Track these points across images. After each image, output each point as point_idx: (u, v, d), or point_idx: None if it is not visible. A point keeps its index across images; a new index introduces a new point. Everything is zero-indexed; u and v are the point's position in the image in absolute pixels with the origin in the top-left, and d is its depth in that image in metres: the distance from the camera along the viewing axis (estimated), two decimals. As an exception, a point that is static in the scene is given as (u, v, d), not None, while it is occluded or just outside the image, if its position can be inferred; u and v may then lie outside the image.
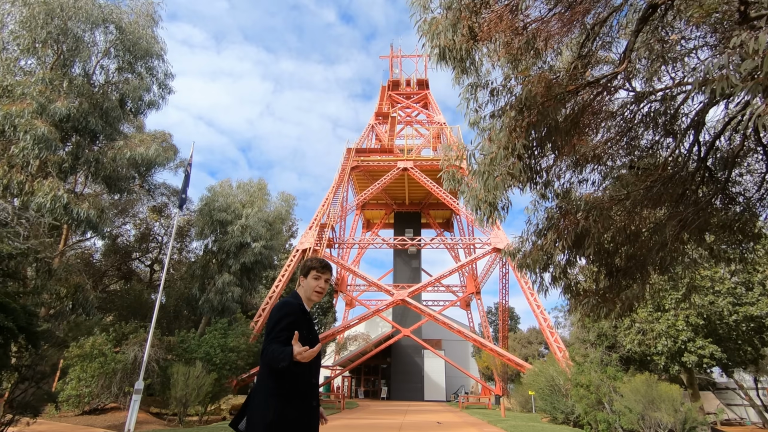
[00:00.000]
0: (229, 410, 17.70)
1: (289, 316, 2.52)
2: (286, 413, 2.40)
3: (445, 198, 34.83)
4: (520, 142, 4.51)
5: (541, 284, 6.79)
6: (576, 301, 6.65)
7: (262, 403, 2.41)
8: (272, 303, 25.48)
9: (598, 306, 6.24)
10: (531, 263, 6.44)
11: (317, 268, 2.81)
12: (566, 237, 5.53)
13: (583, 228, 5.46)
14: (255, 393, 2.51)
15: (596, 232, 5.39)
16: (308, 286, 2.77)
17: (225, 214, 19.38)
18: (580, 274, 7.05)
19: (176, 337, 15.12)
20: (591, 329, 13.04)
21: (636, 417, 10.89)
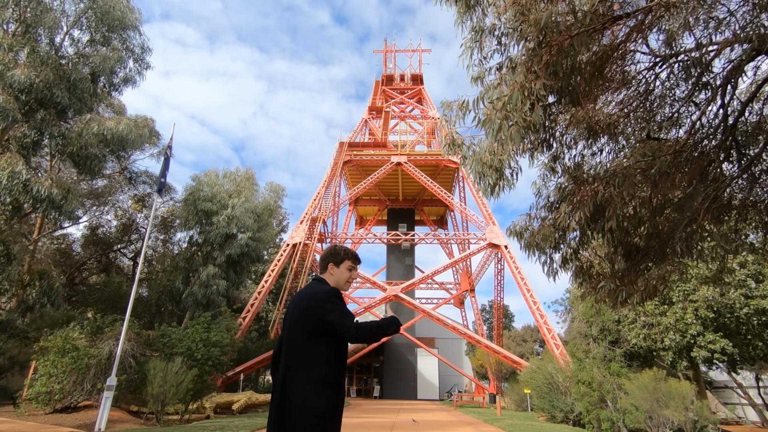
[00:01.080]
0: (214, 408, 16.86)
1: (342, 301, 2.57)
2: (335, 402, 2.40)
3: (440, 193, 34.15)
4: (539, 83, 3.78)
5: (551, 266, 6.09)
6: (589, 286, 5.95)
7: (305, 391, 2.35)
8: (261, 297, 24.64)
9: (616, 290, 5.54)
10: (541, 242, 5.73)
11: (352, 259, 2.81)
12: (584, 208, 4.83)
13: (603, 198, 4.75)
14: (291, 381, 2.40)
15: (619, 201, 4.69)
16: (341, 275, 2.77)
17: (210, 204, 18.52)
18: (593, 255, 6.36)
19: (156, 331, 14.27)
20: (593, 323, 12.40)
21: (643, 415, 10.26)
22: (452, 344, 42.99)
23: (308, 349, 2.43)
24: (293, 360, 2.45)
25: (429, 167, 38.19)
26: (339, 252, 2.82)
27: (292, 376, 2.41)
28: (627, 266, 5.92)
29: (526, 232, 6.13)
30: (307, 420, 2.32)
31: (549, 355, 20.76)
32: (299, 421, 2.33)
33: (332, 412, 2.38)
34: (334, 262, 2.78)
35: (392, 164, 36.05)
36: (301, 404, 2.35)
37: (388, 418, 17.22)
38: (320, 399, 2.36)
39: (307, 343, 2.44)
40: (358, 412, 20.08)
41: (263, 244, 21.19)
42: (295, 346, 2.47)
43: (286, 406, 2.38)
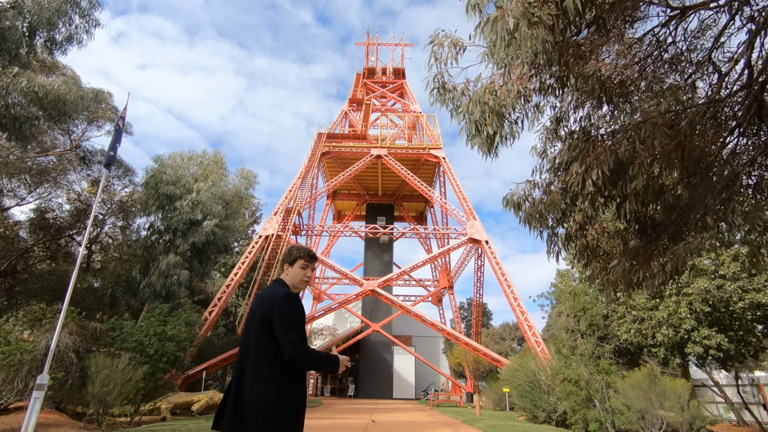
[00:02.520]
0: (171, 409, 15.48)
1: (302, 309, 2.60)
2: (294, 401, 2.43)
3: (420, 187, 33.25)
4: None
5: (554, 243, 5.15)
6: (599, 266, 5.04)
7: (259, 391, 2.38)
8: (230, 291, 23.22)
9: (631, 270, 4.64)
10: (544, 212, 4.77)
11: (306, 257, 2.84)
12: (602, 165, 3.89)
13: (626, 153, 3.82)
14: (244, 382, 2.44)
15: (647, 156, 3.76)
16: (295, 275, 2.81)
17: (173, 187, 17.06)
18: (601, 233, 5.45)
19: (105, 324, 12.84)
20: (581, 318, 11.66)
21: (635, 415, 9.52)
22: (429, 342, 42.27)
23: (260, 350, 2.47)
24: (247, 360, 2.49)
25: (410, 161, 37.27)
26: (292, 251, 2.87)
27: (246, 377, 2.45)
28: (641, 244, 5.03)
29: (525, 202, 5.17)
30: (258, 420, 2.32)
31: (528, 352, 20.08)
32: (251, 422, 2.33)
33: (285, 413, 2.38)
34: (288, 262, 2.82)
35: (372, 157, 34.97)
36: (251, 404, 2.36)
37: (362, 419, 16.18)
38: (270, 399, 2.36)
39: (260, 344, 2.48)
40: (330, 413, 18.96)
41: (232, 233, 19.77)
42: (249, 347, 2.51)
43: (238, 407, 2.40)
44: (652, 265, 4.75)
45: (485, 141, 4.13)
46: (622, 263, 4.63)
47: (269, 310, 2.50)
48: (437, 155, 35.36)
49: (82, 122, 15.21)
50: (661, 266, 4.72)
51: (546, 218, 4.88)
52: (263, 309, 2.53)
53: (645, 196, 3.99)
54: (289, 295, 2.57)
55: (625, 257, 4.65)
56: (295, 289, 2.77)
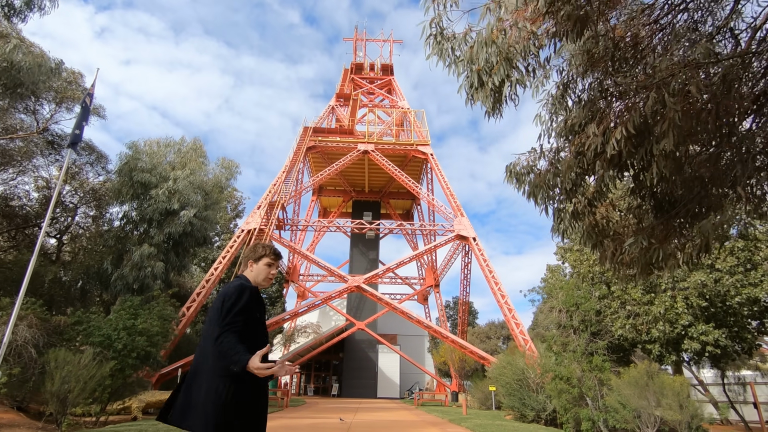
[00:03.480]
0: (144, 409, 14.64)
1: (247, 302, 2.49)
2: (240, 394, 2.35)
3: (407, 183, 32.74)
4: None
5: (561, 218, 4.61)
6: (610, 247, 4.52)
7: (212, 385, 2.32)
8: (210, 287, 22.37)
9: (648, 250, 4.13)
10: (551, 182, 4.23)
11: (270, 256, 2.79)
12: (626, 124, 3.36)
13: (655, 105, 3.29)
14: (197, 375, 2.41)
15: (679, 110, 3.24)
16: (259, 272, 2.75)
17: (148, 175, 16.16)
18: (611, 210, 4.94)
19: (70, 317, 11.97)
20: (574, 314, 11.24)
21: (631, 414, 9.10)
22: (414, 341, 41.84)
23: (208, 344, 2.43)
24: (202, 354, 2.48)
25: (397, 157, 36.73)
26: (257, 249, 2.83)
27: (200, 370, 2.42)
28: (658, 222, 4.53)
29: (529, 175, 4.63)
30: (213, 413, 2.27)
31: (516, 350, 19.70)
32: (204, 416, 2.28)
33: (241, 406, 2.33)
34: (252, 259, 2.78)
35: (359, 152, 34.33)
36: (205, 398, 2.31)
37: (345, 418, 15.55)
38: (227, 392, 2.31)
39: (213, 338, 2.41)
40: (312, 412, 18.29)
41: (211, 225, 18.91)
42: (205, 341, 2.50)
43: (190, 400, 2.37)
44: (670, 244, 4.25)
45: (490, 94, 3.57)
46: (638, 242, 4.11)
47: (221, 301, 2.48)
48: (425, 152, 34.90)
49: (49, 102, 14.26)
50: (681, 246, 4.22)
51: (553, 190, 4.34)
52: (217, 302, 2.52)
53: (673, 159, 3.48)
54: (237, 286, 2.54)
55: (642, 235, 4.13)
56: (257, 286, 2.72)
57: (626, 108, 3.59)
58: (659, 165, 3.33)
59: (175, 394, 2.50)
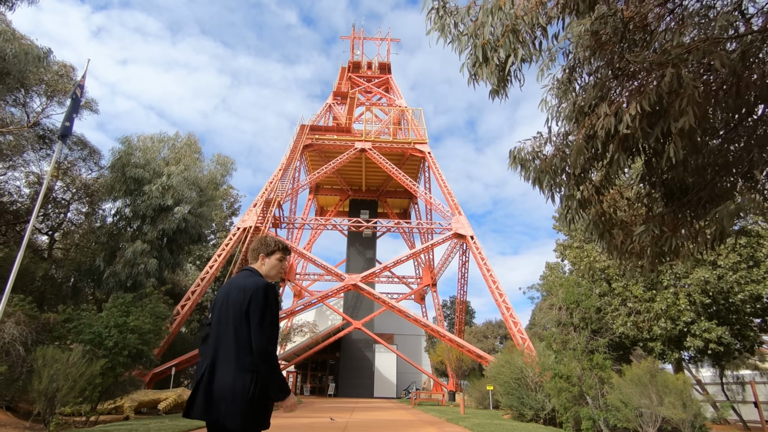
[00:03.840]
0: (136, 408, 14.36)
1: (278, 303, 2.56)
2: (263, 387, 2.40)
3: (405, 181, 32.52)
4: None
5: (569, 206, 4.41)
6: (619, 236, 4.32)
7: (239, 379, 2.36)
8: (205, 285, 22.07)
9: (660, 238, 3.93)
10: (559, 167, 4.03)
11: (283, 250, 2.86)
12: (643, 98, 3.15)
13: (673, 78, 3.09)
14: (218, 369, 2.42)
15: (698, 87, 3.04)
16: (272, 266, 2.80)
17: (142, 171, 15.87)
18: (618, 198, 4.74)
19: (60, 314, 11.68)
20: (575, 311, 11.05)
21: (633, 413, 8.92)
22: (411, 341, 41.64)
23: (240, 340, 2.44)
24: (224, 349, 2.46)
25: (394, 156, 36.50)
26: (270, 243, 2.85)
27: (222, 364, 2.43)
28: (669, 210, 4.33)
29: (534, 160, 4.43)
30: (240, 406, 2.32)
31: (515, 349, 19.53)
32: (232, 407, 2.33)
33: (261, 400, 2.39)
34: (264, 253, 2.81)
35: (356, 150, 34.09)
36: (230, 392, 2.34)
37: (341, 417, 15.33)
38: (254, 387, 2.37)
39: (239, 333, 2.45)
40: (309, 411, 18.05)
41: (206, 222, 18.62)
42: (225, 336, 2.48)
43: (212, 395, 2.39)
44: (682, 233, 4.05)
45: (495, 71, 3.37)
46: (650, 230, 3.91)
47: (252, 298, 2.48)
48: (422, 150, 34.71)
49: (40, 96, 13.96)
50: (693, 234, 4.02)
51: (560, 176, 4.13)
52: (243, 296, 2.49)
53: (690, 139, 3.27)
54: (271, 287, 2.56)
55: (653, 223, 3.93)
56: (267, 279, 2.77)
57: (639, 88, 3.39)
58: (677, 145, 3.13)
59: (197, 388, 2.48)
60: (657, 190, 4.38)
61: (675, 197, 4.36)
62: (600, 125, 3.39)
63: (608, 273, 12.01)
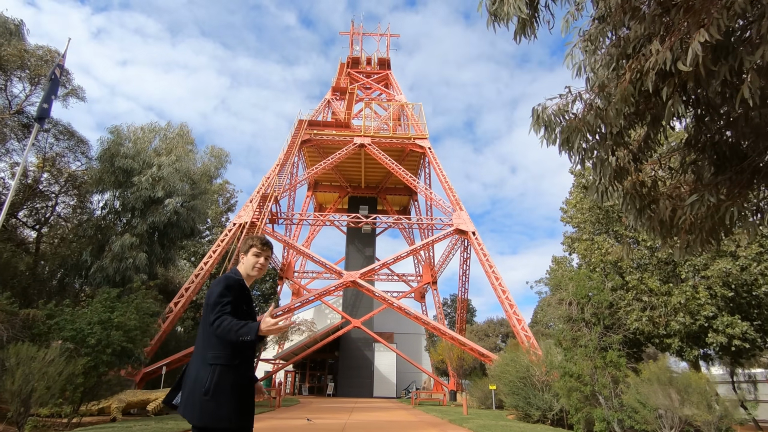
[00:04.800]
0: (124, 409, 13.71)
1: (232, 290, 2.58)
2: (223, 381, 2.40)
3: (405, 176, 31.85)
4: None
5: (601, 176, 3.76)
6: (666, 207, 3.67)
7: (200, 373, 2.40)
8: (199, 282, 21.41)
9: (717, 210, 3.28)
10: (592, 125, 3.38)
11: (257, 245, 2.85)
12: (708, 27, 2.52)
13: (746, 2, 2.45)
14: (191, 364, 2.53)
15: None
16: (248, 262, 2.81)
17: (131, 161, 15.20)
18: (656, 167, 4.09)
19: (41, 310, 11.03)
20: (586, 306, 10.42)
21: (652, 414, 8.29)
22: (411, 340, 41.03)
23: (205, 334, 2.52)
24: (196, 344, 2.58)
25: (394, 151, 35.81)
26: (247, 240, 2.90)
27: (193, 360, 2.53)
28: (722, 179, 3.69)
29: (561, 119, 3.78)
30: (197, 399, 2.34)
31: (518, 347, 18.91)
32: (191, 400, 2.37)
33: (220, 394, 2.36)
34: (243, 251, 2.86)
35: (355, 146, 33.41)
36: (194, 385, 2.39)
37: (339, 418, 14.69)
38: (208, 381, 2.36)
39: (204, 328, 2.54)
40: (306, 412, 17.41)
41: (199, 215, 17.94)
42: (199, 332, 2.61)
43: (184, 389, 2.47)
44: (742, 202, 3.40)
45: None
46: (704, 200, 3.26)
47: (208, 294, 2.60)
48: (422, 145, 34.06)
49: (22, 81, 13.32)
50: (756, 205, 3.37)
51: (594, 136, 3.48)
52: (207, 294, 2.61)
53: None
54: (224, 278, 2.64)
55: (707, 191, 3.28)
56: (249, 278, 2.79)
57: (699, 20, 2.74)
58: (753, 83, 2.49)
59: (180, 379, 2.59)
60: (705, 157, 3.73)
61: (726, 164, 3.71)
62: (652, 63, 2.74)
63: (621, 266, 11.37)
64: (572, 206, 13.70)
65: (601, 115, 3.47)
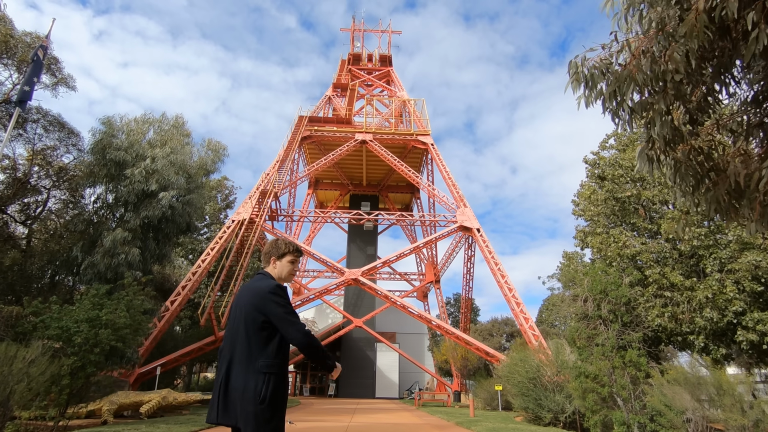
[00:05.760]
0: (116, 412, 13.11)
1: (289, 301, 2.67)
2: (279, 392, 2.47)
3: (407, 173, 31.22)
4: None
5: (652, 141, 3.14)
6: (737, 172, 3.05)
7: (251, 382, 2.41)
8: (197, 279, 20.80)
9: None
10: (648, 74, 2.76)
11: (294, 252, 2.90)
12: None
13: None
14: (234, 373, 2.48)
15: None
16: (283, 268, 2.85)
17: (124, 153, 14.60)
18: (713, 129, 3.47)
19: (26, 308, 10.44)
20: (602, 302, 9.80)
21: (679, 418, 7.66)
22: (414, 339, 40.43)
23: (252, 342, 2.51)
24: (238, 352, 2.52)
25: (396, 148, 35.20)
26: (281, 246, 2.89)
27: (237, 368, 2.48)
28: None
29: (603, 76, 3.15)
30: (252, 408, 2.34)
31: (526, 347, 18.27)
32: (245, 409, 2.35)
33: (276, 402, 2.42)
34: (276, 256, 2.86)
35: (356, 142, 32.78)
36: (245, 394, 2.39)
37: (340, 421, 14.08)
38: (268, 388, 2.40)
39: (251, 336, 2.51)
40: (307, 414, 16.81)
41: (195, 210, 17.31)
42: (239, 340, 2.54)
43: (229, 397, 2.43)
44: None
45: None
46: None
47: (262, 300, 2.56)
48: (425, 142, 33.43)
49: (8, 68, 12.75)
50: None
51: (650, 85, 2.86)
52: (255, 299, 2.58)
53: None
54: (281, 287, 2.67)
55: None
56: (282, 282, 2.83)
57: None
58: None
59: (216, 393, 2.53)
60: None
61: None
62: None
63: (641, 259, 10.72)
64: (585, 198, 13.07)
65: (656, 62, 2.84)
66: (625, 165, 11.57)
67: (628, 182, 11.48)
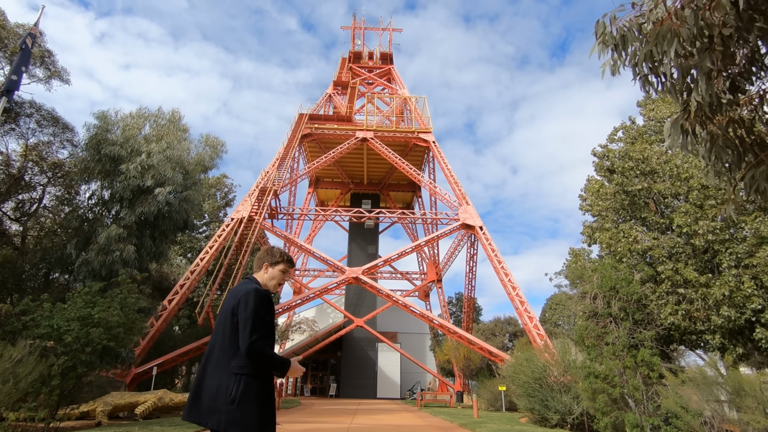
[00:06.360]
0: (111, 412, 12.78)
1: (271, 309, 2.65)
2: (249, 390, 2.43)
3: (409, 170, 30.85)
4: None
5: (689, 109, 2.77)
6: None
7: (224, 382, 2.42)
8: (195, 278, 20.47)
9: None
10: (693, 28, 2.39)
11: (287, 263, 2.92)
12: None
13: None
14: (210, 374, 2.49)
15: None
16: (272, 277, 2.86)
17: (119, 148, 14.26)
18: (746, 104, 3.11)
19: (16, 306, 10.11)
20: (613, 300, 9.44)
21: (696, 420, 7.29)
22: (415, 339, 40.07)
23: (228, 344, 2.52)
24: (216, 353, 2.54)
25: (398, 146, 34.83)
26: (275, 254, 2.93)
27: (212, 368, 2.50)
28: None
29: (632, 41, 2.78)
30: (224, 408, 2.35)
31: (530, 346, 17.89)
32: (216, 411, 2.36)
33: (251, 403, 2.40)
34: (269, 263, 2.88)
35: (357, 140, 32.43)
36: (218, 394, 2.39)
37: (341, 422, 13.72)
38: (234, 389, 2.38)
39: (227, 337, 2.53)
40: (306, 415, 16.47)
41: (193, 207, 16.95)
42: (218, 341, 2.57)
43: (200, 396, 2.45)
44: None
45: None
46: None
47: (237, 302, 2.56)
48: (427, 139, 33.06)
49: (0, 60, 12.42)
50: None
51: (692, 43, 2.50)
52: (233, 301, 2.60)
53: None
54: (259, 291, 2.63)
55: None
56: (264, 287, 2.82)
57: None
58: None
59: (191, 393, 2.55)
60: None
61: None
62: None
63: (653, 254, 10.34)
64: (592, 193, 12.68)
65: (699, 15, 2.47)
66: (635, 157, 11.21)
67: (638, 175, 11.13)
